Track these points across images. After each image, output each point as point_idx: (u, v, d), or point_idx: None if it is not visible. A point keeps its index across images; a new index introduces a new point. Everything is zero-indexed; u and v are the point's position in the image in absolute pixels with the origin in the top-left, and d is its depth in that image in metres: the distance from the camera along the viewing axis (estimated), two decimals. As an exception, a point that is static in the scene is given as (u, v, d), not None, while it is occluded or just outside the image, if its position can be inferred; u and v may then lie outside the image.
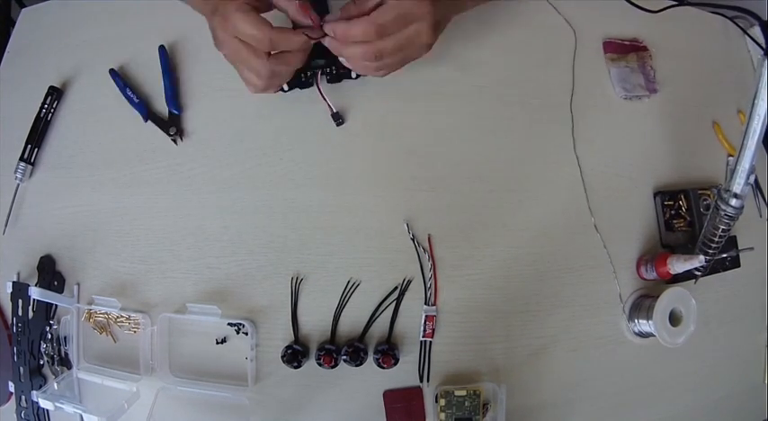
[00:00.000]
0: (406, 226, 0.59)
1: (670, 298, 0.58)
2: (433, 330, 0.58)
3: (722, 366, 0.66)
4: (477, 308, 0.60)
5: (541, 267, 0.61)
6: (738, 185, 0.53)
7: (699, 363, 0.65)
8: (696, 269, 0.60)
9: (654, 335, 0.59)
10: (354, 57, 0.51)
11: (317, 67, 0.60)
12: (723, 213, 0.55)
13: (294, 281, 0.59)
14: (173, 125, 0.63)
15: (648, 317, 0.58)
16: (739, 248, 0.65)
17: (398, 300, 0.59)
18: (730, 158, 0.71)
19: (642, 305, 0.61)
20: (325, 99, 0.60)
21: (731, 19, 0.76)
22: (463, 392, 0.57)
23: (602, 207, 0.64)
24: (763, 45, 0.76)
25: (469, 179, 0.62)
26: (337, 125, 0.61)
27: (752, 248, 0.61)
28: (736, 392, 0.68)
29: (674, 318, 0.58)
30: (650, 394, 0.64)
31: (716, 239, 0.57)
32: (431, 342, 0.58)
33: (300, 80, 0.60)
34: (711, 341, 0.66)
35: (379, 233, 0.60)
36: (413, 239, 0.59)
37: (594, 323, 0.62)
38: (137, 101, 0.64)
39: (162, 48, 0.65)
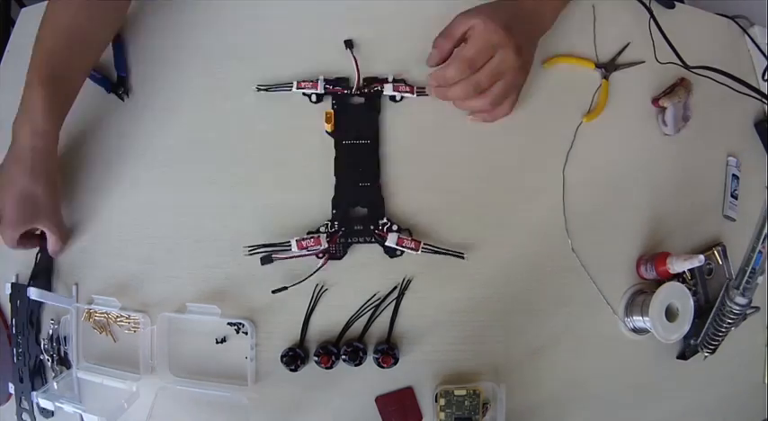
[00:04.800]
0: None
1: (668, 292, 0.58)
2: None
3: (722, 366, 0.66)
4: (477, 308, 0.60)
5: (541, 267, 0.61)
6: (747, 288, 0.53)
7: (699, 363, 0.64)
8: (705, 347, 0.61)
9: (649, 332, 0.59)
10: (459, 96, 0.57)
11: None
12: (729, 310, 0.55)
13: (317, 288, 0.58)
14: (120, 85, 0.65)
15: (644, 313, 0.58)
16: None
17: (398, 300, 0.59)
18: (730, 158, 0.71)
19: (637, 300, 0.61)
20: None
21: (732, 18, 0.76)
22: (463, 392, 0.57)
23: (603, 206, 0.64)
24: (764, 48, 0.76)
25: (469, 179, 0.62)
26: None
27: (757, 308, 0.61)
28: (736, 392, 0.68)
29: (671, 314, 0.58)
30: (650, 394, 0.64)
31: (722, 330, 0.58)
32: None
33: None
34: (711, 341, 0.66)
35: (378, 233, 0.60)
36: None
37: (594, 322, 0.62)
38: (98, 76, 0.66)
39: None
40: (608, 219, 0.64)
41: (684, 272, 0.62)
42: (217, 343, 0.59)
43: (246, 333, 0.58)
